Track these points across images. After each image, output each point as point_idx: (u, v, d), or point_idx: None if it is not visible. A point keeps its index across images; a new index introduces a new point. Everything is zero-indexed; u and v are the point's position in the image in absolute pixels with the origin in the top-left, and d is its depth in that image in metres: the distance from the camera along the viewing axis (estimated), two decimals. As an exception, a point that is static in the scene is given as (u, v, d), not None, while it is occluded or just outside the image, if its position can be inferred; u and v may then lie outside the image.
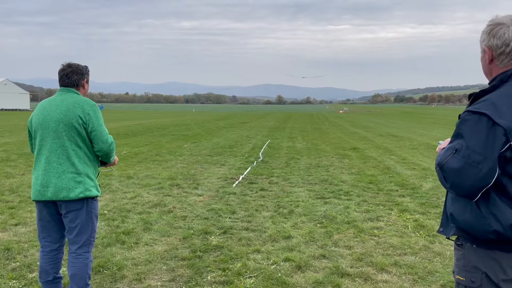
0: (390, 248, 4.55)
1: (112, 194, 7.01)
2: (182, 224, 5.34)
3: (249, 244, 4.64)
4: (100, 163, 3.22)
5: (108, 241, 4.60)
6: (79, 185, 2.93)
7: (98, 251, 4.33)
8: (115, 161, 3.33)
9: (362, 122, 35.59)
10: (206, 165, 10.38)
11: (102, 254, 4.23)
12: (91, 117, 2.96)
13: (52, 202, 2.98)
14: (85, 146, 2.99)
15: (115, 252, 4.30)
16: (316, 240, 4.77)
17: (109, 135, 3.07)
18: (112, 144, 3.09)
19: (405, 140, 17.92)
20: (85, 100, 3.03)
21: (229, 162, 10.78)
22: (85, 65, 3.20)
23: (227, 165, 10.31)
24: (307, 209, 6.14)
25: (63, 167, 2.92)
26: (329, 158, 11.86)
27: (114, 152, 3.16)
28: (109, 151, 3.07)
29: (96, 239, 4.59)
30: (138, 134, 19.83)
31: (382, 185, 8.00)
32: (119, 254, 4.26)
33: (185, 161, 10.92)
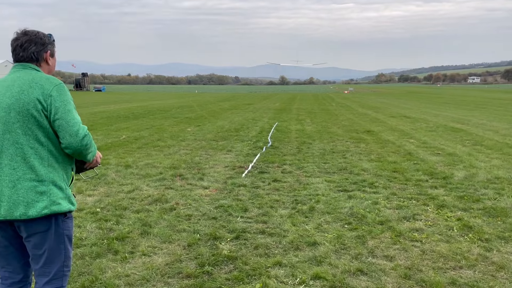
0: (440, 258, 3.75)
1: (107, 187, 6.22)
2: (187, 226, 4.55)
3: (268, 254, 3.84)
4: (76, 165, 2.39)
5: (98, 251, 3.81)
6: (42, 198, 2.10)
7: (86, 264, 3.55)
8: (97, 159, 2.46)
9: (369, 102, 34.50)
10: (212, 151, 9.56)
11: (89, 270, 3.44)
12: (54, 100, 2.13)
13: (7, 222, 2.16)
14: (49, 142, 2.15)
15: (105, 266, 3.52)
16: (347, 248, 3.97)
17: (81, 125, 2.20)
18: (86, 138, 2.20)
19: (420, 121, 16.99)
20: (47, 78, 2.18)
21: (236, 148, 9.95)
22: (49, 33, 2.34)
23: (234, 151, 9.49)
24: (329, 205, 5.33)
25: (18, 173, 2.10)
26: (344, 142, 11.00)
27: (91, 149, 2.28)
28: (81, 147, 2.18)
29: (85, 247, 3.83)
30: (139, 116, 18.98)
31: (409, 174, 7.17)
32: (111, 269, 3.47)
33: (188, 147, 10.10)
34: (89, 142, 2.23)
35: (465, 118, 18.05)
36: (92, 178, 6.18)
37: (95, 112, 21.73)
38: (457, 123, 15.90)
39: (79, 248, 3.87)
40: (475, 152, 9.33)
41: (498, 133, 12.94)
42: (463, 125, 15.32)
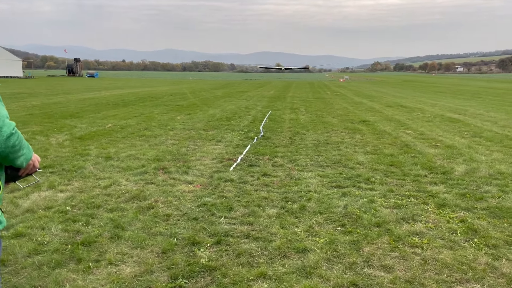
0: (444, 269, 3.34)
1: (82, 181, 5.75)
2: (164, 228, 4.11)
3: (251, 263, 3.41)
4: (7, 173, 1.93)
5: (58, 259, 3.37)
6: None
7: (42, 275, 3.10)
8: (34, 163, 2.01)
9: (365, 91, 33.99)
10: (200, 141, 9.09)
11: (44, 283, 3.00)
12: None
13: None
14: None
15: (64, 278, 3.08)
16: (340, 256, 3.55)
17: (7, 121, 1.78)
18: (13, 138, 1.78)
19: (416, 111, 16.57)
20: None
21: (226, 138, 9.49)
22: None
23: (224, 142, 9.03)
24: (322, 203, 4.91)
25: None
26: (338, 133, 10.57)
27: (22, 151, 1.86)
28: (5, 149, 1.77)
29: (45, 254, 3.38)
30: (129, 104, 18.41)
31: (407, 168, 6.75)
32: (69, 282, 3.04)
33: (176, 137, 9.61)
34: (17, 142, 1.82)
35: (462, 108, 17.66)
36: (33, 185, 5.16)
37: (84, 98, 21.11)
38: (454, 113, 15.50)
39: (38, 255, 3.43)
40: (475, 145, 8.93)
41: (496, 124, 12.55)
42: (460, 115, 14.93)
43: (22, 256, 3.41)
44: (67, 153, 7.55)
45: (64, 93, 25.79)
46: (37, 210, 4.54)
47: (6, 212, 4.44)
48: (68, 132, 10.02)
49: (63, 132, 9.93)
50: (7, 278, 3.08)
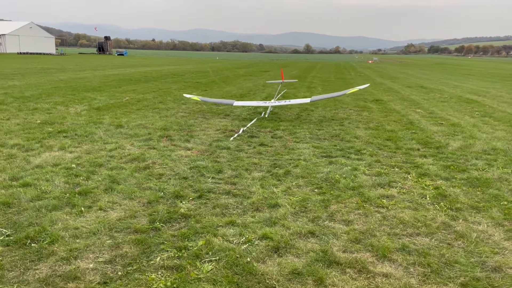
0: (400, 225, 3.61)
1: (91, 144, 6.24)
2: (154, 184, 4.52)
3: (224, 213, 3.79)
4: None
5: (56, 204, 3.84)
6: None
7: (39, 216, 3.58)
8: None
9: (390, 72, 33.45)
10: (209, 114, 9.47)
11: (40, 221, 3.47)
12: None
13: None
14: None
15: (57, 218, 3.54)
16: (307, 211, 3.87)
17: None
18: None
19: (435, 92, 16.38)
20: None
21: (235, 113, 9.83)
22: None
23: (232, 116, 9.38)
24: (307, 169, 5.21)
25: None
26: (347, 110, 10.72)
27: None
28: None
29: (45, 200, 3.86)
30: (150, 80, 18.96)
31: (402, 142, 6.92)
32: (62, 221, 3.49)
33: (187, 110, 10.03)
34: None
35: (484, 90, 17.29)
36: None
37: (109, 75, 21.83)
38: (474, 95, 15.25)
39: (39, 201, 3.91)
40: (481, 124, 8.94)
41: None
42: (479, 96, 14.69)
43: (25, 201, 3.90)
44: (82, 121, 8.09)
45: (92, 69, 26.65)
46: (46, 166, 5.05)
47: (18, 167, 4.97)
48: (87, 103, 10.60)
49: (82, 103, 10.51)
50: (10, 216, 3.57)
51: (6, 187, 4.26)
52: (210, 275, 2.73)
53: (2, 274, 2.68)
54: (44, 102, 10.59)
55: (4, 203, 3.80)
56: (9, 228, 3.34)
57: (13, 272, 2.72)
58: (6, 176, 4.58)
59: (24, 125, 7.53)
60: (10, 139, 6.37)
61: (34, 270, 2.74)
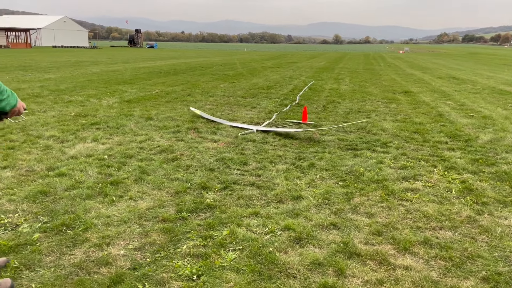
0: (423, 218, 3.62)
1: (122, 136, 6.47)
2: (182, 175, 4.68)
3: (249, 204, 3.89)
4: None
5: (89, 193, 4.04)
6: None
7: (74, 204, 3.78)
8: (19, 109, 2.43)
9: (421, 63, 32.63)
10: (236, 107, 9.59)
11: (75, 209, 3.67)
12: None
13: None
14: None
15: (90, 207, 3.73)
16: (330, 203, 3.93)
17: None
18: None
19: (467, 83, 15.93)
20: None
21: (261, 105, 9.91)
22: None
23: (258, 108, 9.46)
24: (331, 162, 5.24)
25: None
26: (374, 102, 10.61)
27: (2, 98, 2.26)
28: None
29: (79, 189, 4.07)
30: (179, 73, 19.26)
31: (430, 135, 6.83)
32: (95, 210, 3.69)
33: (214, 102, 10.19)
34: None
35: (520, 81, 16.67)
36: (19, 122, 6.58)
37: (139, 67, 22.30)
38: (508, 86, 14.74)
39: (74, 190, 4.12)
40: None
41: (551, 97, 11.87)
42: (515, 87, 14.18)
43: (61, 190, 4.12)
44: (113, 113, 8.37)
45: (123, 62, 27.28)
46: (80, 157, 5.29)
47: (54, 157, 5.24)
48: (119, 96, 10.92)
49: (114, 96, 10.85)
50: (47, 205, 3.79)
51: (43, 176, 4.51)
52: (234, 264, 2.84)
53: (40, 258, 2.88)
54: (78, 94, 10.99)
55: (41, 192, 4.03)
56: (46, 215, 3.56)
57: (50, 256, 2.92)
58: (43, 166, 4.84)
59: (59, 117, 7.86)
60: (47, 130, 6.68)
61: (69, 255, 2.93)
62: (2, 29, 55.60)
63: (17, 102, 2.41)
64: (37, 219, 3.49)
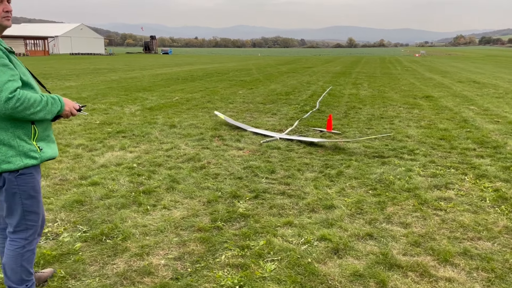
0: (460, 228, 3.58)
1: (148, 144, 6.56)
2: (211, 184, 4.72)
3: (281, 214, 3.90)
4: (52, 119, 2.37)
5: (124, 202, 4.10)
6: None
7: (110, 213, 3.85)
8: (69, 112, 2.36)
9: (439, 66, 32.28)
10: (256, 114, 9.63)
11: (111, 218, 3.74)
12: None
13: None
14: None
15: (127, 216, 3.79)
16: (364, 213, 3.91)
17: (6, 86, 2.03)
18: (11, 101, 2.04)
19: (489, 87, 15.70)
20: None
21: (282, 111, 9.93)
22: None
23: (279, 115, 9.48)
24: (359, 170, 5.22)
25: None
26: (396, 108, 10.53)
27: (30, 109, 2.12)
28: (6, 111, 2.05)
29: (114, 198, 4.13)
30: (196, 79, 19.42)
31: (456, 142, 6.75)
32: (131, 219, 3.74)
33: (235, 109, 10.24)
34: (18, 104, 2.07)
35: (543, 84, 16.36)
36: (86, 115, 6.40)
37: (157, 74, 22.55)
38: (532, 90, 14.48)
39: (108, 199, 4.19)
40: (542, 121, 8.51)
41: None
42: (539, 91, 13.93)
43: (96, 199, 4.20)
44: (137, 121, 8.48)
45: (140, 69, 27.62)
46: (110, 165, 5.37)
47: (85, 166, 5.34)
48: (140, 103, 11.06)
49: (135, 104, 10.99)
50: (84, 214, 3.87)
51: (77, 185, 4.60)
52: (274, 275, 2.85)
53: (84, 268, 2.94)
54: (100, 102, 11.16)
55: (77, 201, 4.11)
56: (85, 224, 3.63)
57: (94, 266, 2.97)
58: (76, 175, 4.93)
59: (85, 125, 8.00)
60: (75, 139, 6.80)
61: (111, 265, 2.98)
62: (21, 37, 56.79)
63: (62, 107, 2.31)
64: (76, 228, 3.56)
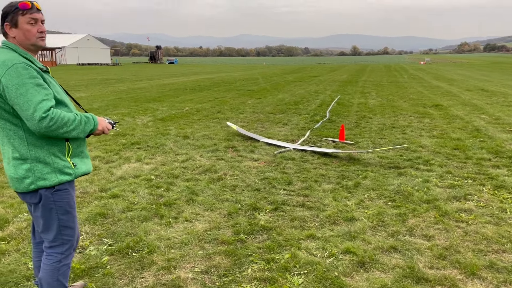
0: (483, 241, 3.57)
1: (164, 156, 6.61)
2: (230, 195, 4.74)
3: (303, 226, 3.92)
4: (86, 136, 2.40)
5: (146, 215, 4.14)
6: (28, 174, 2.20)
7: (133, 226, 3.88)
8: (101, 131, 2.39)
9: (446, 74, 32.27)
10: (267, 124, 9.67)
11: (135, 231, 3.77)
12: (6, 86, 2.06)
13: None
14: (23, 122, 2.16)
15: (150, 229, 3.82)
16: (385, 225, 3.92)
17: (40, 105, 2.05)
18: (45, 121, 2.06)
19: (498, 95, 15.67)
20: (2, 62, 2.10)
21: (292, 121, 9.97)
22: (14, 1, 2.22)
23: (290, 125, 9.52)
24: (377, 181, 5.23)
25: (8, 151, 2.23)
26: (407, 117, 10.54)
27: (63, 128, 2.14)
28: (40, 130, 2.08)
29: (135, 211, 4.17)
30: (204, 89, 19.54)
31: (471, 152, 6.75)
32: (154, 232, 3.77)
33: (246, 119, 10.29)
34: (52, 123, 2.09)
35: (552, 92, 16.31)
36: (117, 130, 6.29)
37: (164, 84, 22.72)
38: (542, 98, 14.44)
39: (130, 212, 4.23)
40: (555, 130, 8.49)
41: None
42: (549, 99, 13.89)
43: (118, 212, 4.23)
44: (150, 132, 8.55)
45: (147, 79, 27.84)
46: (128, 177, 5.42)
47: (104, 178, 5.39)
48: (151, 114, 11.15)
49: (147, 114, 11.08)
50: (107, 227, 3.90)
51: (98, 198, 4.64)
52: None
53: (114, 282, 2.96)
54: (112, 113, 11.26)
55: (100, 213, 4.15)
56: (110, 238, 3.66)
57: (123, 280, 3.00)
58: (96, 188, 4.98)
59: (100, 137, 8.06)
60: (90, 151, 6.86)
61: (140, 278, 3.01)
62: None
63: (95, 126, 2.32)
64: (101, 241, 3.59)
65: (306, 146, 7.13)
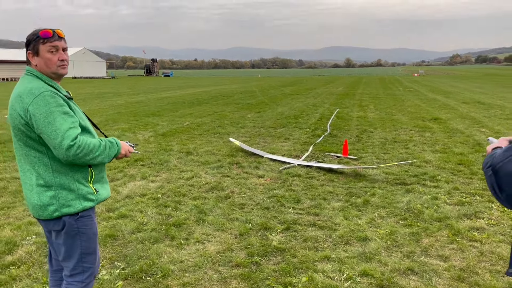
0: (500, 261, 3.55)
1: (168, 173, 6.56)
2: (239, 215, 4.70)
3: (317, 247, 3.88)
4: None
5: (156, 236, 4.08)
6: (52, 201, 2.19)
7: (145, 248, 3.82)
8: (124, 155, 2.39)
9: (441, 86, 32.56)
10: (269, 138, 9.66)
11: (147, 254, 3.71)
12: (33, 115, 2.07)
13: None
14: (48, 150, 2.17)
15: (162, 251, 3.76)
16: (399, 245, 3.89)
17: (67, 134, 2.06)
18: (72, 149, 2.07)
19: (495, 107, 15.81)
20: (29, 90, 2.11)
21: (294, 136, 9.96)
22: (37, 29, 2.21)
23: (292, 139, 9.51)
24: (385, 199, 5.22)
25: (31, 178, 2.21)
26: (407, 131, 10.58)
27: (89, 156, 2.14)
28: (67, 158, 2.09)
29: (145, 232, 4.11)
30: (202, 102, 19.55)
31: (475, 167, 6.76)
32: (167, 254, 3.71)
33: (247, 134, 10.28)
34: (79, 151, 2.10)
35: (548, 105, 16.48)
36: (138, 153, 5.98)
37: (162, 97, 22.72)
38: (538, 110, 14.57)
39: (140, 233, 4.17)
40: (556, 144, 8.54)
41: None
42: (545, 112, 14.02)
43: (127, 233, 4.17)
44: (153, 148, 8.50)
45: (144, 92, 27.83)
46: (134, 196, 5.36)
47: (111, 197, 5.32)
48: (152, 129, 11.11)
49: (147, 129, 11.03)
50: (118, 249, 3.84)
51: (106, 219, 4.58)
52: (323, 314, 2.81)
53: (130, 308, 2.90)
54: (112, 129, 11.20)
55: (110, 235, 4.09)
56: (122, 261, 3.60)
57: (139, 306, 2.93)
58: (103, 208, 4.92)
59: (102, 153, 8.00)
60: (94, 168, 6.79)
61: (156, 305, 2.94)
62: (25, 62, 57.32)
63: (118, 151, 2.33)
64: (113, 265, 3.53)
65: (310, 162, 7.11)
